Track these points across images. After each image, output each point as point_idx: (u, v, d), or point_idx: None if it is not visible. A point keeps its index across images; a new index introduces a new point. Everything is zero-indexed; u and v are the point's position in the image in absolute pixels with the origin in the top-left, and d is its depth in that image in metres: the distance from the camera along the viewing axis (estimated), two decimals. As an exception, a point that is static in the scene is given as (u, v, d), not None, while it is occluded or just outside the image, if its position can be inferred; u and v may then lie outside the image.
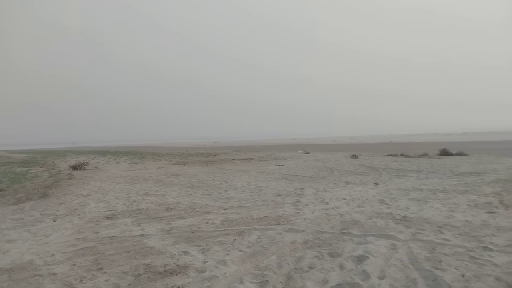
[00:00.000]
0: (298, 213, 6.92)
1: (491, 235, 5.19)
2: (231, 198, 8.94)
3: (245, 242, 5.21)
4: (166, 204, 8.34)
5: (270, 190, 9.97)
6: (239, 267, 4.29)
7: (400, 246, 4.78)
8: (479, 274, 3.78)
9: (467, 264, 4.08)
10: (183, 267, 4.27)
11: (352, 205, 7.60)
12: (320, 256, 4.50)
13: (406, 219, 6.26)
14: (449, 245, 4.78)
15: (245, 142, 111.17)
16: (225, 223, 6.37)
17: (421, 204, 7.50)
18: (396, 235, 5.26)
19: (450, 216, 6.35)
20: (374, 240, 5.09)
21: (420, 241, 4.98)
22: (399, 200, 7.96)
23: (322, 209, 7.26)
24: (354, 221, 6.17)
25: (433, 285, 3.59)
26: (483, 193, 8.51)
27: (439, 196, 8.38)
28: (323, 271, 4.05)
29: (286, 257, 4.52)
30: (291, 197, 8.71)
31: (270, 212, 7.11)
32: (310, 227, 5.87)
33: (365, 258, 4.33)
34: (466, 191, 8.88)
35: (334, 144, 63.28)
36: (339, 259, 4.38)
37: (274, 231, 5.69)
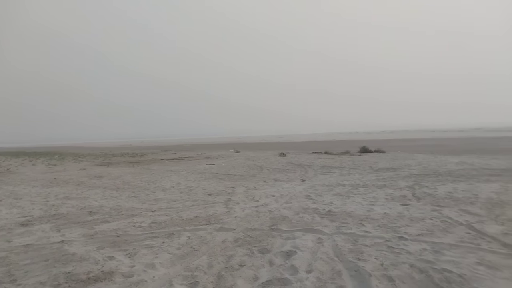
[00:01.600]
0: (229, 212, 6.93)
1: (406, 225, 5.64)
2: (160, 199, 8.69)
3: (175, 244, 5.09)
4: (88, 208, 7.87)
5: (200, 190, 9.87)
6: (168, 269, 4.18)
7: (326, 240, 5.00)
8: (396, 262, 4.08)
9: (386, 253, 4.40)
10: (108, 273, 4.05)
11: (281, 201, 7.80)
12: (250, 254, 4.55)
13: (330, 213, 6.57)
14: (369, 236, 5.11)
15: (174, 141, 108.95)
16: (153, 225, 6.18)
17: (344, 198, 7.93)
18: (322, 229, 5.50)
19: (370, 210, 6.79)
20: (302, 235, 5.27)
21: (344, 234, 5.26)
22: (324, 196, 8.34)
23: (252, 206, 7.36)
24: (283, 217, 6.34)
25: (356, 275, 3.81)
26: (399, 187, 9.24)
27: (360, 190, 8.93)
28: (253, 268, 4.10)
29: (217, 257, 4.50)
30: (222, 196, 8.71)
31: (201, 212, 7.04)
32: (240, 225, 5.91)
33: (293, 253, 4.47)
34: (384, 186, 9.57)
35: (264, 143, 64.55)
36: (269, 255, 4.46)
37: (205, 231, 5.64)
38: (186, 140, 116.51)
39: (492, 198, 7.48)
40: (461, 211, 6.52)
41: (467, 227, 5.51)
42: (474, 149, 26.68)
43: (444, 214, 6.32)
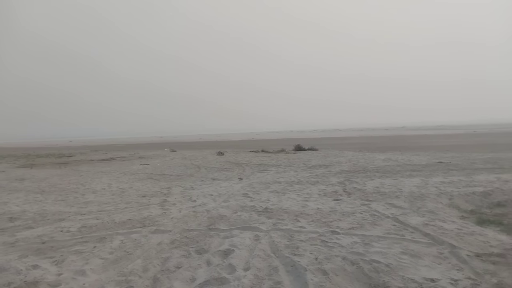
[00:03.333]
0: (165, 213, 6.76)
1: (338, 220, 5.91)
2: (90, 202, 8.23)
3: (107, 248, 4.85)
4: (8, 214, 7.22)
5: (134, 192, 9.51)
6: (100, 275, 3.97)
7: (263, 237, 5.07)
8: (329, 256, 4.26)
9: (320, 247, 4.57)
10: (32, 283, 3.75)
11: (219, 200, 7.77)
12: (187, 255, 4.48)
13: (267, 210, 6.68)
14: (304, 232, 5.27)
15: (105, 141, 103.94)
16: (83, 230, 5.83)
17: (280, 195, 8.11)
18: (259, 226, 5.57)
19: (304, 205, 7.01)
20: (239, 233, 5.30)
21: (280, 230, 5.37)
22: (261, 193, 8.46)
23: (190, 207, 7.24)
24: (221, 216, 6.32)
25: (292, 270, 3.91)
26: (331, 183, 9.65)
27: (295, 187, 9.19)
28: (190, 269, 4.03)
29: (152, 260, 4.36)
30: (158, 197, 8.47)
31: (135, 214, 6.78)
32: (177, 226, 5.79)
33: (231, 252, 4.47)
34: (317, 182, 9.94)
35: (201, 141, 63.92)
36: (206, 255, 4.42)
37: (139, 234, 5.44)
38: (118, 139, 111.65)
39: (414, 192, 8.09)
40: (388, 204, 6.97)
41: (393, 219, 5.90)
42: (398, 146, 28.71)
43: (372, 208, 6.71)
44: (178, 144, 53.15)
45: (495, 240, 4.90)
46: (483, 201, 7.35)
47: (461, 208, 6.93)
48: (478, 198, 7.55)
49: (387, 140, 41.61)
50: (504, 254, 4.36)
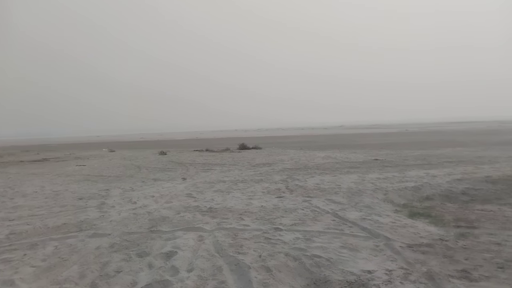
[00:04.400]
0: (103, 216, 6.46)
1: (281, 216, 6.02)
2: (20, 206, 7.65)
3: (39, 255, 4.54)
4: None
5: (69, 194, 8.98)
6: (31, 285, 3.71)
7: (207, 237, 5.03)
8: (272, 253, 4.32)
9: (263, 245, 4.62)
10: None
11: (161, 201, 7.58)
12: (128, 258, 4.32)
13: (211, 210, 6.64)
14: (248, 230, 5.31)
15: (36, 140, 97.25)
16: (12, 236, 5.41)
17: (224, 194, 8.09)
18: (203, 227, 5.51)
19: (249, 204, 7.06)
20: (183, 234, 5.21)
21: (225, 229, 5.36)
22: (205, 193, 8.38)
23: (130, 209, 6.99)
24: (163, 218, 6.17)
25: (236, 269, 3.91)
26: (274, 181, 9.81)
27: (240, 186, 9.22)
28: (131, 273, 3.89)
29: (90, 265, 4.15)
30: (95, 200, 8.07)
31: (70, 218, 6.41)
32: (116, 230, 5.56)
33: (174, 253, 4.38)
34: (261, 180, 10.05)
35: (143, 141, 61.96)
36: (148, 258, 4.30)
37: (76, 239, 5.15)
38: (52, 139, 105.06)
39: (352, 188, 8.47)
40: (327, 200, 7.23)
41: (332, 215, 6.12)
42: (337, 144, 29.89)
43: (313, 204, 6.92)
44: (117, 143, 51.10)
45: (425, 231, 5.27)
46: (414, 195, 7.87)
47: (395, 202, 7.37)
48: (409, 192, 8.08)
49: (326, 139, 43.18)
50: (433, 244, 4.70)
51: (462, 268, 3.90)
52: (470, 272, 3.79)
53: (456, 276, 3.71)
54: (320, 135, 56.78)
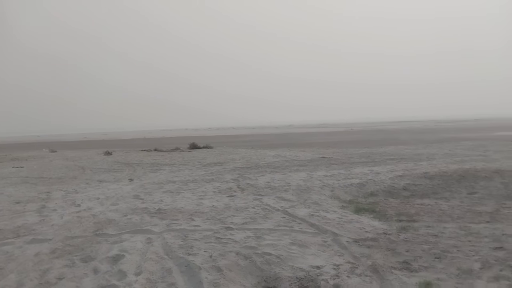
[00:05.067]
0: (44, 220, 6.09)
1: (232, 216, 6.02)
2: None
3: (-30, 265, 4.18)
4: None
5: (5, 198, 8.37)
6: (-40, 298, 3.41)
7: (156, 239, 4.91)
8: (223, 252, 4.30)
9: (214, 245, 4.59)
10: None
11: (107, 204, 7.29)
12: (71, 264, 4.11)
13: (160, 211, 6.49)
14: (199, 230, 5.25)
15: None
16: None
17: (174, 195, 7.94)
18: (152, 229, 5.37)
19: (199, 204, 6.98)
20: (130, 237, 5.04)
21: (174, 231, 5.26)
22: (154, 194, 8.17)
23: (73, 212, 6.65)
24: (109, 221, 5.93)
25: (186, 270, 3.85)
26: (225, 180, 9.79)
27: (190, 186, 9.10)
28: (75, 280, 3.71)
29: (29, 273, 3.90)
30: (35, 203, 7.57)
31: (6, 224, 5.97)
32: (58, 234, 5.26)
33: (121, 257, 4.23)
34: (212, 180, 9.99)
35: (86, 141, 59.19)
36: (93, 263, 4.11)
37: (12, 246, 4.81)
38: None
39: (301, 185, 8.66)
40: (278, 198, 7.34)
41: (282, 212, 6.22)
42: (287, 143, 30.45)
43: (264, 202, 6.99)
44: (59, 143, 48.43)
45: (369, 226, 5.51)
46: (359, 192, 8.21)
47: (341, 198, 7.64)
48: (355, 189, 8.41)
49: (276, 138, 43.83)
50: (377, 238, 4.92)
51: (404, 259, 4.13)
52: (411, 264, 4.01)
53: (398, 268, 3.91)
54: (270, 134, 57.51)
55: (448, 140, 25.53)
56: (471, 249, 4.41)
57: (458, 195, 7.60)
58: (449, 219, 5.87)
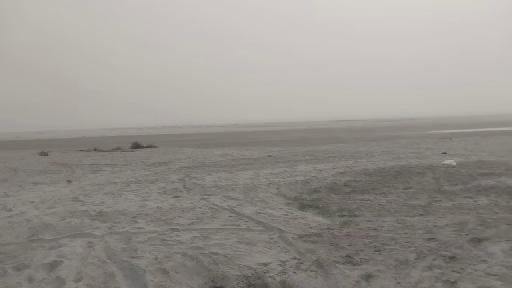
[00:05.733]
0: (-31, 228, 5.58)
1: (178, 216, 5.91)
2: None
3: None
4: None
5: None
6: None
7: (97, 243, 4.68)
8: (169, 254, 4.21)
9: (159, 247, 4.47)
10: None
11: (42, 207, 6.83)
12: (3, 273, 3.80)
13: (102, 214, 6.21)
14: (143, 232, 5.09)
15: None
16: None
17: (116, 197, 7.64)
18: (93, 232, 5.12)
19: (143, 205, 6.77)
20: (69, 241, 4.77)
21: (117, 234, 5.06)
22: (94, 196, 7.80)
23: (4, 217, 6.16)
24: (45, 225, 5.57)
25: (130, 274, 3.72)
26: (170, 180, 9.59)
27: (133, 187, 8.80)
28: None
29: (-48, 286, 3.55)
30: (-43, 209, 6.92)
31: None
32: (-14, 242, 4.85)
33: (59, 263, 3.98)
34: (156, 180, 9.73)
35: (19, 140, 55.13)
36: (28, 271, 3.84)
37: None
38: None
39: (248, 184, 8.72)
40: (225, 197, 7.33)
41: (229, 211, 6.22)
42: (234, 142, 30.51)
43: (211, 201, 6.95)
44: (-13, 143, 44.67)
45: (314, 222, 5.68)
46: (304, 189, 8.42)
47: (286, 195, 7.79)
48: (299, 186, 8.62)
49: (223, 136, 43.76)
50: (321, 233, 5.08)
51: (346, 254, 4.30)
52: (353, 257, 4.19)
53: (341, 262, 4.06)
54: (217, 133, 57.28)
55: (385, 138, 27.01)
56: (407, 241, 4.70)
57: (395, 190, 8.06)
58: (387, 213, 6.21)
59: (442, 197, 7.29)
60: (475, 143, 19.13)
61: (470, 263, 3.91)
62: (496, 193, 7.35)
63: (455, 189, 7.85)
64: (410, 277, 3.65)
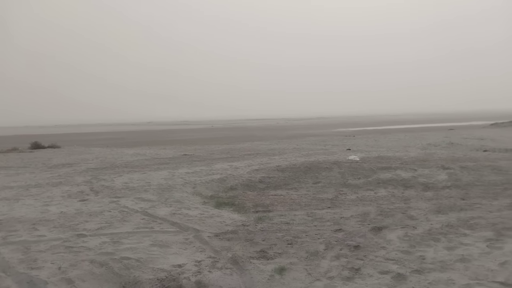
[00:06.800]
0: None
1: (85, 221, 5.50)
2: None
3: None
4: None
5: None
6: None
7: (-12, 256, 4.16)
8: (75, 262, 3.89)
9: (64, 255, 4.12)
10: None
11: None
12: None
13: (-6, 223, 5.53)
14: (44, 240, 4.64)
15: None
16: None
17: (12, 203, 6.86)
18: (-18, 244, 4.54)
19: (45, 211, 6.19)
20: (-48, 257, 4.17)
21: (13, 243, 4.54)
22: (-15, 203, 6.93)
23: None
24: None
25: (29, 287, 3.37)
26: (76, 183, 8.90)
27: (32, 191, 7.99)
28: None
29: None
30: None
31: None
32: None
33: None
34: (60, 183, 8.96)
35: None
36: None
37: None
38: None
39: (162, 184, 8.46)
40: (137, 199, 7.02)
41: (142, 213, 5.97)
42: (147, 141, 29.45)
43: (121, 204, 6.60)
44: None
45: (229, 219, 5.72)
46: (220, 187, 8.44)
47: (203, 194, 7.73)
48: (216, 184, 8.62)
49: (135, 135, 42.00)
50: (236, 230, 5.13)
51: (261, 248, 4.40)
52: (267, 252, 4.30)
53: (256, 257, 4.15)
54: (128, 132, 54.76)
55: (296, 136, 28.30)
56: (317, 233, 4.96)
57: (305, 185, 8.47)
58: (299, 207, 6.50)
59: (347, 190, 7.85)
60: (375, 140, 20.93)
61: (372, 250, 4.26)
62: (392, 185, 8.13)
63: (358, 183, 8.51)
64: (320, 267, 3.86)
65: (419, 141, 19.43)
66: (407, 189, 7.76)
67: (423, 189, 7.70)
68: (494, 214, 5.56)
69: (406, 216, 5.64)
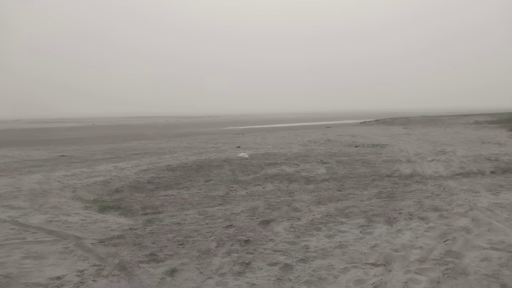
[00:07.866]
0: None
1: None
2: None
3: None
4: None
5: None
6: None
7: None
8: None
9: None
10: None
11: None
12: None
13: None
14: None
15: None
16: None
17: None
18: None
19: None
20: None
21: None
22: None
23: None
24: None
25: None
26: None
27: None
28: None
29: None
30: None
31: None
32: None
33: None
34: None
35: None
36: None
37: None
38: None
39: (36, 189, 7.57)
40: (4, 207, 6.15)
41: (11, 223, 5.27)
42: (15, 141, 26.02)
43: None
44: None
45: (115, 223, 5.39)
46: (104, 189, 7.89)
47: (84, 199, 7.14)
48: (99, 187, 8.03)
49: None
50: (123, 235, 4.86)
51: (150, 252, 4.24)
52: (157, 254, 4.17)
53: (145, 261, 3.99)
54: (-10, 131, 47.67)
55: (187, 135, 27.99)
56: (208, 230, 4.98)
57: (197, 183, 8.43)
58: (190, 206, 6.44)
59: (237, 186, 8.04)
60: (262, 137, 21.80)
61: (261, 243, 4.44)
62: (279, 180, 8.59)
63: (248, 179, 8.79)
64: (212, 265, 3.88)
65: (301, 138, 20.82)
66: (291, 183, 8.28)
67: (305, 183, 8.30)
68: (365, 203, 6.27)
69: (291, 209, 6.01)
